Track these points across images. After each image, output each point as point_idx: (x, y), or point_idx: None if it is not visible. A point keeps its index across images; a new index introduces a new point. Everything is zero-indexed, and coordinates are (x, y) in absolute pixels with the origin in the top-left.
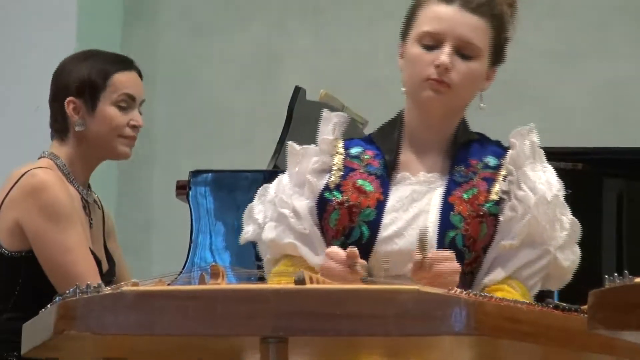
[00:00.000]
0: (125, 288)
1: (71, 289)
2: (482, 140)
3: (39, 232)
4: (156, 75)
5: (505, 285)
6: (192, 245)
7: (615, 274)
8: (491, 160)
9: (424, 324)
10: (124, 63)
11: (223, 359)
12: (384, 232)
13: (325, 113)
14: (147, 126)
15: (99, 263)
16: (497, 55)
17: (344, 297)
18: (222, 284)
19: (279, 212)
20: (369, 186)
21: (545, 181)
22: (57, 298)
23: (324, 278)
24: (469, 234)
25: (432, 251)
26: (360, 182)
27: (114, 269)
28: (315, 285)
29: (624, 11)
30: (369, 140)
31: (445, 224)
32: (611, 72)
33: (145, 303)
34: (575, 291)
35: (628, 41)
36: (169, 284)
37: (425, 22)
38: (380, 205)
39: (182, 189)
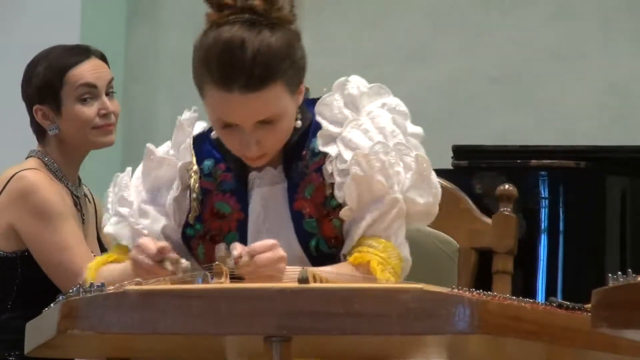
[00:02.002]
0: (128, 287)
1: (74, 288)
2: (310, 120)
3: (34, 234)
4: (159, 74)
5: (361, 246)
6: None
7: (619, 273)
8: (315, 144)
9: (427, 323)
10: (77, 55)
11: (227, 358)
12: None
13: (178, 121)
14: (149, 126)
15: None
16: (298, 80)
17: (347, 296)
18: (226, 283)
19: (118, 210)
20: (226, 208)
21: (376, 131)
22: (60, 297)
23: (327, 277)
24: (326, 234)
25: (255, 243)
26: (217, 205)
27: None
28: (318, 285)
29: (628, 11)
30: (216, 145)
31: (302, 235)
32: (615, 71)
33: (149, 302)
34: (578, 290)
35: (632, 40)
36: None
37: (215, 109)
38: (242, 225)
39: None
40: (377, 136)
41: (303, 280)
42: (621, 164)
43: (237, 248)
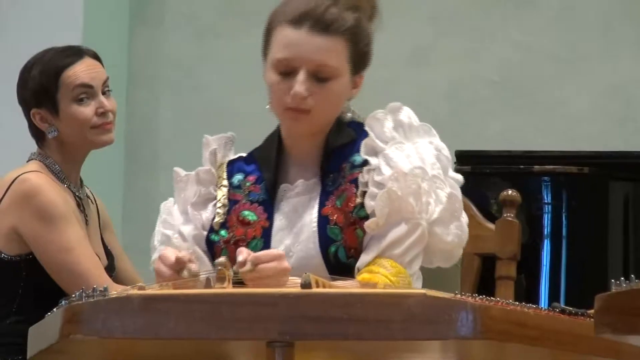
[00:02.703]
0: (131, 292)
1: (77, 293)
2: (356, 139)
3: (38, 237)
4: (161, 78)
5: (373, 266)
6: None
7: (622, 278)
8: (357, 158)
9: (430, 328)
10: (71, 56)
11: None
12: None
13: (205, 138)
14: (152, 129)
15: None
16: (361, 62)
17: (350, 302)
18: (229, 288)
19: (163, 233)
20: (252, 216)
21: (416, 157)
22: (63, 302)
23: (329, 282)
24: (348, 244)
25: (262, 252)
26: (243, 213)
27: (113, 263)
28: (321, 290)
29: (630, 15)
30: (251, 159)
31: (324, 239)
32: (617, 75)
33: (151, 307)
34: (581, 295)
35: (634, 44)
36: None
37: (278, 49)
38: (267, 232)
39: None
40: (417, 162)
41: (306, 285)
42: (624, 170)
43: (243, 253)
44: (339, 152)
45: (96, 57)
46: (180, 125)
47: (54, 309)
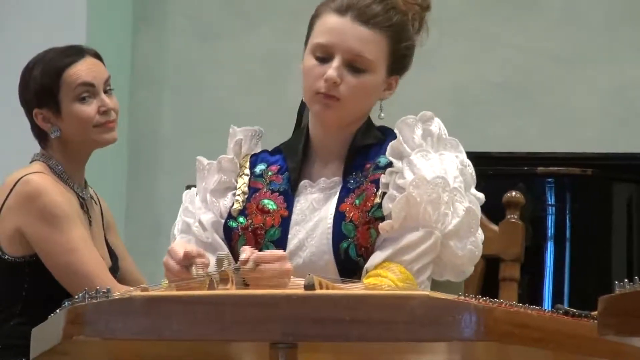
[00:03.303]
0: (134, 293)
1: (80, 294)
2: (384, 141)
3: (42, 238)
4: (165, 79)
5: (382, 269)
6: None
7: (626, 280)
8: (382, 160)
9: (433, 330)
10: (72, 56)
11: None
12: (289, 247)
13: (232, 129)
14: (155, 130)
15: None
16: (399, 64)
17: (353, 303)
18: (232, 289)
19: (184, 221)
20: (272, 205)
21: (440, 167)
22: (66, 303)
23: (332, 284)
24: (360, 242)
25: (262, 252)
26: (263, 202)
27: (117, 264)
28: (324, 291)
29: (633, 17)
30: (276, 151)
31: (337, 234)
32: (620, 77)
33: (155, 308)
34: (585, 297)
35: (636, 46)
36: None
37: (319, 34)
38: (285, 222)
39: None
40: (440, 172)
41: (309, 286)
42: (628, 171)
43: (246, 252)
44: (365, 151)
45: (97, 56)
46: (183, 125)
47: (57, 310)
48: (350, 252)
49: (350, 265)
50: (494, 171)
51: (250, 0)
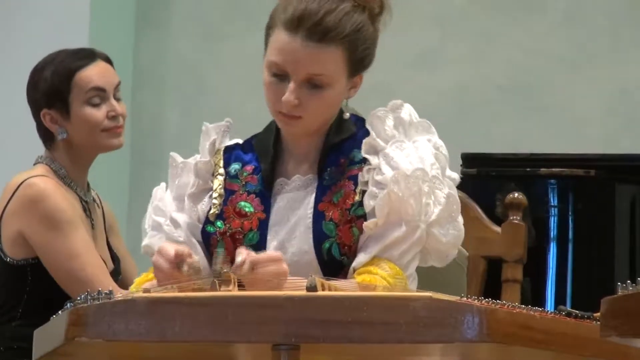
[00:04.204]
0: (136, 295)
1: (82, 295)
2: (357, 134)
3: (44, 242)
4: (168, 80)
5: (371, 266)
6: None
7: (628, 281)
8: (357, 155)
9: (436, 331)
10: (84, 59)
11: None
12: (268, 250)
13: (204, 127)
14: (158, 132)
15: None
16: (360, 65)
17: (356, 305)
18: (234, 291)
19: (154, 220)
20: (249, 207)
21: (416, 157)
22: (68, 304)
23: (335, 285)
24: (343, 241)
25: (261, 253)
26: (240, 204)
27: (119, 267)
28: (327, 292)
29: (637, 17)
30: (249, 148)
31: (318, 234)
32: (624, 78)
33: (157, 309)
34: (588, 298)
35: None
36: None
37: (273, 51)
38: (263, 224)
39: None
40: (418, 163)
41: (311, 288)
42: (631, 172)
43: (242, 254)
44: (338, 147)
45: (108, 60)
46: (186, 127)
47: (59, 312)
48: (334, 251)
49: (334, 264)
50: (496, 172)
51: (253, 1)
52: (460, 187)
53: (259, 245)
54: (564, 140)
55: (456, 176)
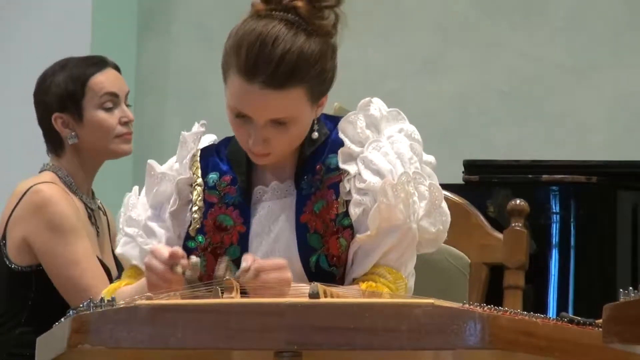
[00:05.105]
0: (139, 302)
1: (85, 303)
2: (329, 136)
3: (46, 248)
4: (170, 88)
5: (372, 275)
6: None
7: (630, 288)
8: (332, 160)
9: (438, 338)
10: (97, 64)
11: None
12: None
13: (182, 136)
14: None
15: (108, 271)
16: (323, 92)
17: (358, 311)
18: (236, 298)
19: (126, 231)
20: (229, 220)
21: (394, 156)
22: (70, 312)
23: (337, 292)
24: (330, 252)
25: (264, 260)
26: (219, 218)
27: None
28: (329, 300)
29: (638, 24)
30: (225, 157)
31: (304, 248)
32: (626, 85)
33: (159, 316)
34: (590, 305)
35: None
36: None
37: (232, 96)
38: (244, 238)
39: None
40: (396, 161)
41: (314, 295)
42: (632, 179)
43: (248, 260)
44: (312, 153)
45: (118, 69)
46: None
47: (62, 319)
48: (322, 264)
49: (323, 275)
50: (498, 179)
51: None
52: (462, 194)
53: (240, 260)
54: (565, 147)
55: (432, 159)
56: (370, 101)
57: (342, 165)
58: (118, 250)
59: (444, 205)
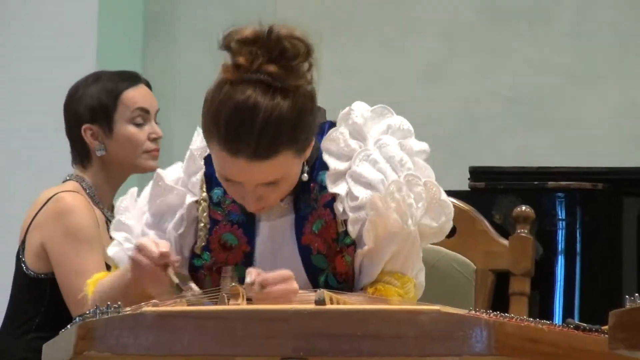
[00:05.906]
0: (145, 308)
1: (91, 310)
2: (319, 152)
3: (59, 253)
4: (175, 94)
5: (379, 283)
6: None
7: (636, 294)
8: (324, 177)
9: (444, 345)
10: (131, 79)
11: None
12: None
13: (190, 152)
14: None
15: None
16: (308, 144)
17: (364, 318)
18: (242, 304)
19: (114, 235)
20: (233, 239)
21: (384, 162)
22: (77, 318)
23: (344, 298)
24: (337, 270)
25: (271, 272)
26: (224, 236)
27: None
28: (335, 306)
29: None
30: None
31: (311, 269)
32: (632, 92)
33: (165, 323)
34: (596, 311)
35: None
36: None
37: (218, 165)
38: (248, 258)
39: None
40: (386, 167)
41: (320, 301)
42: (638, 186)
43: (252, 274)
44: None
45: (149, 86)
46: None
47: (68, 326)
48: (330, 281)
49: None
50: (504, 185)
51: (259, 15)
52: (467, 200)
53: (244, 280)
54: (571, 154)
55: (425, 146)
56: (350, 110)
57: (331, 189)
58: (108, 252)
59: (444, 196)
